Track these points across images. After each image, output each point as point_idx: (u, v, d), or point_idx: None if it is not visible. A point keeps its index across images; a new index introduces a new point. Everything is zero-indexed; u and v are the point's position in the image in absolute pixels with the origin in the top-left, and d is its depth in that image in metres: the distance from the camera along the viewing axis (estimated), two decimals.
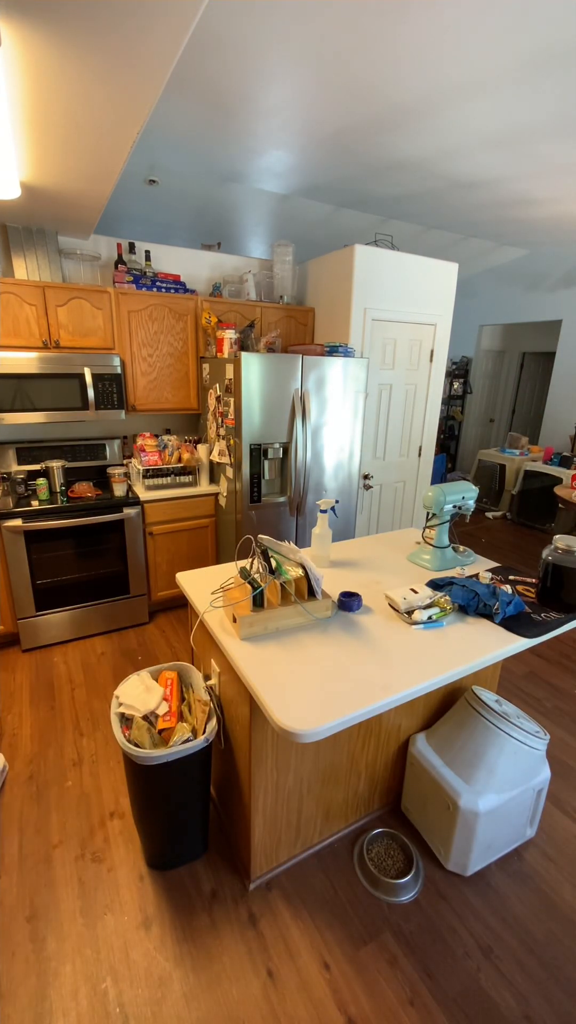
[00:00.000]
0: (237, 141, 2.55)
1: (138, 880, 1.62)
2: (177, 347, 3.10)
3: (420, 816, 1.76)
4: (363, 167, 2.86)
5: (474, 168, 2.84)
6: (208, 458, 3.17)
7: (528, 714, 2.45)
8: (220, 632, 1.46)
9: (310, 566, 1.49)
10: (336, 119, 2.30)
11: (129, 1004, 1.31)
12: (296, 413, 2.86)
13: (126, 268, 2.96)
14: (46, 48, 1.19)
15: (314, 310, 3.50)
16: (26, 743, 2.18)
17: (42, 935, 1.46)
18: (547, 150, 2.57)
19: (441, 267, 3.43)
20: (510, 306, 6.05)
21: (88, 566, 2.86)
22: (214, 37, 1.72)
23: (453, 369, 7.06)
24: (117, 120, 1.56)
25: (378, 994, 1.35)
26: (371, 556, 2.06)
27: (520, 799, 1.63)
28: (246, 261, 3.62)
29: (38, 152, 1.80)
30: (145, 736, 1.44)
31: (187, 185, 3.21)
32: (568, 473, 4.92)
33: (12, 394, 2.66)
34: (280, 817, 1.57)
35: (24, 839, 1.75)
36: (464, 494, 1.91)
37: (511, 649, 1.43)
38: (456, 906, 1.57)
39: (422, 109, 2.19)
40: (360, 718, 1.16)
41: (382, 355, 3.37)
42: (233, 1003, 1.32)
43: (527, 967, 1.42)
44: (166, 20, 1.08)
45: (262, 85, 2.02)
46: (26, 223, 2.67)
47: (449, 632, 1.49)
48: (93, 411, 2.87)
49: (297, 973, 1.39)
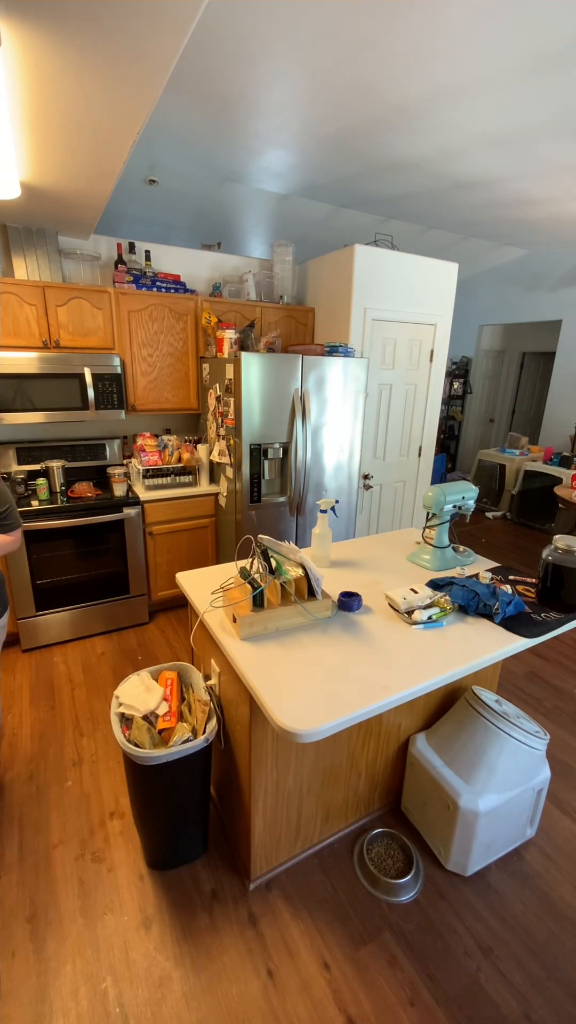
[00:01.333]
0: (237, 141, 2.55)
1: (138, 880, 1.62)
2: (177, 347, 3.10)
3: (420, 816, 1.76)
4: (363, 167, 2.86)
5: (474, 168, 2.84)
6: (208, 458, 3.17)
7: (528, 714, 2.45)
8: (220, 632, 1.46)
9: (310, 566, 1.49)
10: (336, 119, 2.30)
11: (129, 1004, 1.31)
12: (296, 413, 2.86)
13: (126, 268, 2.96)
14: (46, 48, 1.19)
15: (314, 310, 3.50)
16: (26, 743, 2.18)
17: (42, 935, 1.46)
18: (547, 150, 2.57)
19: (441, 267, 3.43)
20: (510, 306, 6.05)
21: (88, 566, 2.86)
22: (214, 37, 1.72)
23: (453, 369, 7.06)
24: (117, 120, 1.56)
25: (378, 994, 1.35)
26: (371, 556, 2.06)
27: (520, 799, 1.63)
28: (246, 261, 3.62)
29: (38, 152, 1.80)
30: (145, 736, 1.44)
31: (187, 185, 3.21)
32: (568, 473, 4.91)
33: (12, 394, 2.66)
34: (280, 817, 1.57)
35: (24, 839, 1.75)
36: (464, 494, 1.91)
37: (511, 649, 1.43)
38: (456, 906, 1.57)
39: (422, 109, 2.19)
40: (360, 718, 1.16)
41: (382, 355, 3.37)
42: (233, 1003, 1.32)
43: (527, 967, 1.42)
44: (166, 20, 1.08)
45: (262, 85, 2.02)
46: (26, 223, 2.67)
47: (449, 632, 1.49)
48: (93, 411, 2.87)
49: (297, 973, 1.39)
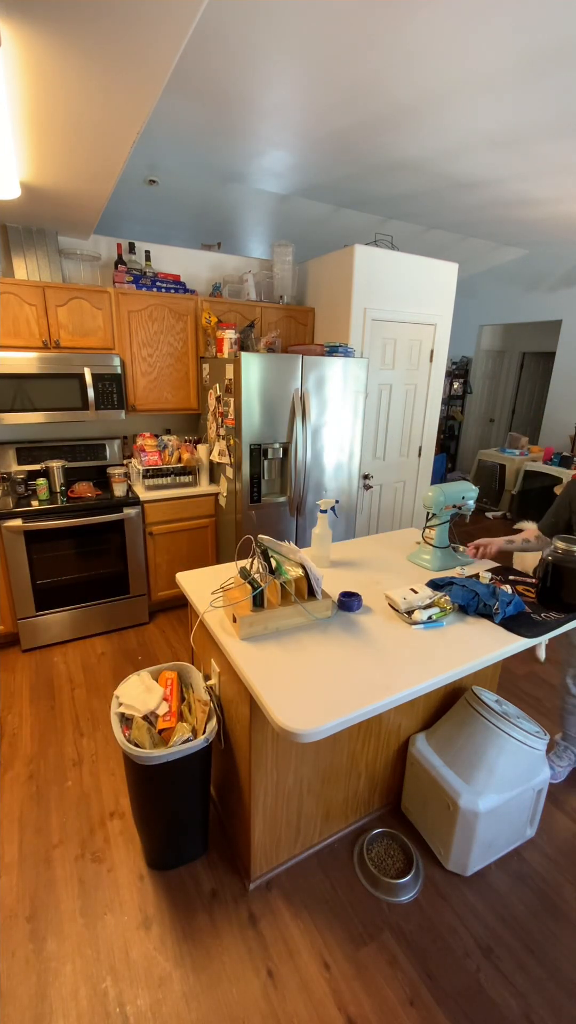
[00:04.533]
0: (237, 141, 2.55)
1: (138, 880, 1.62)
2: (177, 347, 3.10)
3: (420, 816, 1.76)
4: (363, 167, 2.86)
5: (474, 168, 2.84)
6: (208, 458, 3.17)
7: (528, 714, 2.45)
8: (220, 632, 1.46)
9: (310, 566, 1.49)
10: (336, 119, 2.30)
11: (129, 1004, 1.31)
12: (296, 413, 2.86)
13: (126, 268, 2.96)
14: (46, 48, 1.19)
15: (314, 310, 3.50)
16: (26, 743, 2.18)
17: (42, 935, 1.46)
18: (547, 150, 2.57)
19: (441, 267, 3.43)
20: (510, 306, 6.05)
21: (88, 566, 2.86)
22: (214, 36, 1.72)
23: (453, 369, 7.06)
24: (117, 120, 1.56)
25: (378, 994, 1.35)
26: (371, 556, 2.06)
27: (520, 799, 1.63)
28: (246, 261, 3.62)
29: (38, 152, 1.80)
30: (145, 736, 1.44)
31: (187, 185, 3.21)
32: (568, 473, 4.91)
33: (12, 394, 2.66)
34: (280, 817, 1.57)
35: (24, 839, 1.75)
36: (464, 494, 1.91)
37: (511, 649, 1.43)
38: (456, 906, 1.57)
39: (422, 109, 2.19)
40: (360, 718, 1.16)
41: (382, 355, 3.37)
42: (233, 1003, 1.32)
43: (527, 967, 1.42)
44: (166, 20, 1.08)
45: (262, 85, 2.02)
46: (26, 223, 2.67)
47: (449, 632, 1.49)
48: (93, 411, 2.87)
49: (297, 973, 1.39)
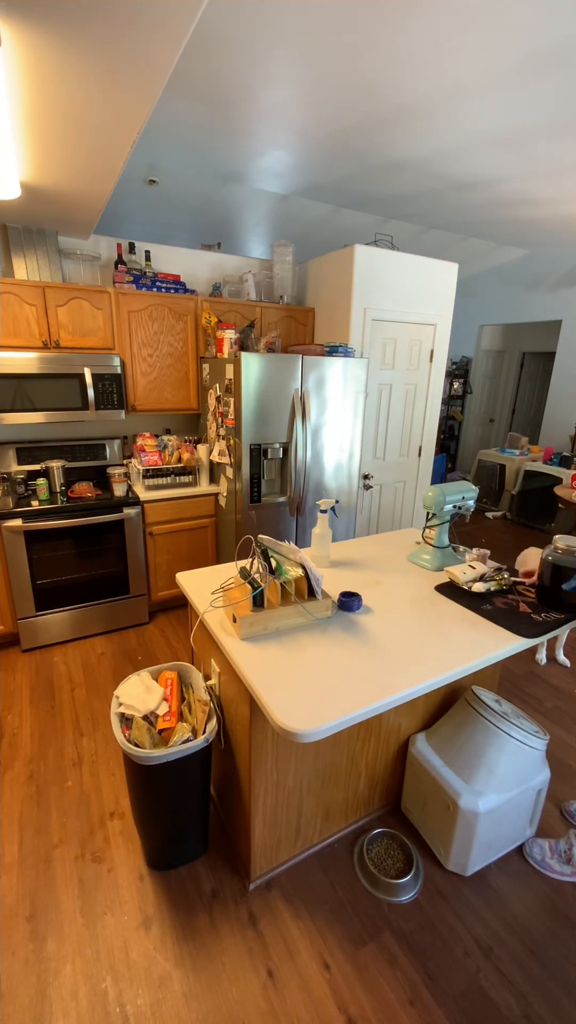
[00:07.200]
0: (237, 141, 2.55)
1: (138, 880, 1.62)
2: (177, 347, 3.10)
3: (420, 816, 1.76)
4: (363, 167, 2.86)
5: (474, 168, 2.84)
6: (208, 458, 3.17)
7: (528, 714, 2.45)
8: (220, 632, 1.46)
9: (310, 566, 1.49)
10: (336, 119, 2.30)
11: (129, 1004, 1.31)
12: (296, 413, 2.86)
13: (126, 268, 2.96)
14: (46, 48, 1.19)
15: (314, 310, 3.50)
16: (26, 743, 2.18)
17: (42, 935, 1.46)
18: (547, 150, 2.57)
19: (441, 267, 3.43)
20: (510, 306, 6.04)
21: (88, 566, 2.86)
22: (214, 37, 1.72)
23: (453, 369, 7.06)
24: (117, 120, 1.56)
25: (378, 994, 1.35)
26: (371, 556, 2.06)
27: (520, 799, 1.63)
28: (246, 261, 3.62)
29: (38, 152, 1.80)
30: (145, 736, 1.44)
31: (187, 185, 3.21)
32: (568, 473, 4.91)
33: (12, 394, 2.66)
34: (280, 817, 1.57)
35: (24, 839, 1.75)
36: (464, 494, 1.91)
37: (511, 649, 1.43)
38: (456, 906, 1.57)
39: (422, 109, 2.19)
40: (360, 718, 1.16)
41: (382, 355, 3.37)
42: (233, 1003, 1.32)
43: (527, 967, 1.42)
44: (166, 20, 1.08)
45: (262, 85, 2.02)
46: (26, 223, 2.67)
47: (449, 632, 1.49)
48: (93, 411, 2.87)
49: (297, 973, 1.39)
